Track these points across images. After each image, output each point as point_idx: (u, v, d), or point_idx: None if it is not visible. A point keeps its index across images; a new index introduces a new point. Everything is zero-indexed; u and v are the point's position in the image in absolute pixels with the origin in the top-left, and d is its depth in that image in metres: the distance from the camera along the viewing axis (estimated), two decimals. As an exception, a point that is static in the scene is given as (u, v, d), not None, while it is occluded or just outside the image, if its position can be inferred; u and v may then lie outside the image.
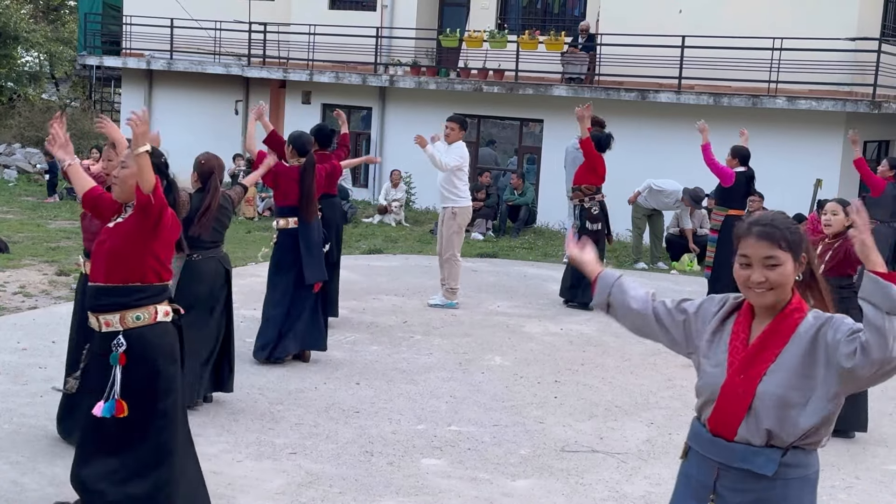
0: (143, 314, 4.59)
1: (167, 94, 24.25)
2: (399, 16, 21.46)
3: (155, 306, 4.63)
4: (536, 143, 19.96)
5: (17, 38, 28.98)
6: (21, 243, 13.69)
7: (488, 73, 19.71)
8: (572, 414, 7.28)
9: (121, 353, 4.53)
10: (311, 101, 22.04)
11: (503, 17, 21.33)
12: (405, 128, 20.81)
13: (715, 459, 3.11)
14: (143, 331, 4.59)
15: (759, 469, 3.04)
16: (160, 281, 4.67)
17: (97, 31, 25.98)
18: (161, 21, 22.68)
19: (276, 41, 21.92)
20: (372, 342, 9.06)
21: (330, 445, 6.34)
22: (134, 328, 4.57)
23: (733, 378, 3.06)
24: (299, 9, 22.13)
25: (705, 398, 3.13)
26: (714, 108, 17.44)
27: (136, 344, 4.56)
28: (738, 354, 3.08)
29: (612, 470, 6.19)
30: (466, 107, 20.21)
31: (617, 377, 8.33)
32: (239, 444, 6.27)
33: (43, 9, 39.05)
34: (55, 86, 35.55)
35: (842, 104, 16.47)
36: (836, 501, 5.90)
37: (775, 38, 16.53)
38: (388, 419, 6.92)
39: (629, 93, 18.13)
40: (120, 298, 4.56)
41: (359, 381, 7.81)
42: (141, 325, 4.58)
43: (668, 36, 17.24)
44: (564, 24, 20.20)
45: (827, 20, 16.62)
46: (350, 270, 12.76)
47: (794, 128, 17.01)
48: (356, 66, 21.16)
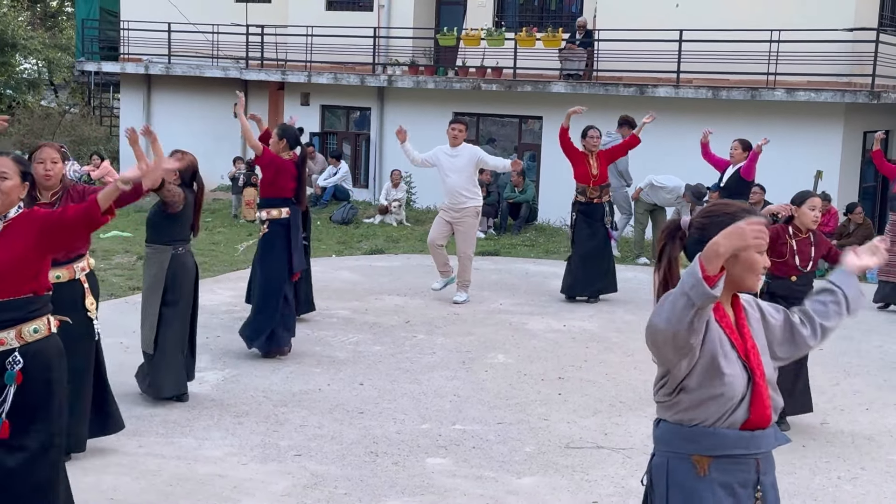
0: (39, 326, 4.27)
1: (166, 99, 24.25)
2: (396, 15, 21.45)
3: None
4: (536, 141, 19.96)
5: (14, 46, 29.02)
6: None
7: (486, 71, 19.71)
8: (576, 410, 7.29)
9: (17, 371, 4.17)
10: (310, 102, 22.04)
11: (500, 15, 21.31)
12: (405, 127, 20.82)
13: (755, 453, 3.08)
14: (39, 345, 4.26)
15: (784, 441, 3.21)
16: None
17: (95, 36, 25.98)
18: (158, 26, 22.68)
19: (274, 43, 21.91)
20: (375, 342, 9.06)
21: (335, 446, 6.35)
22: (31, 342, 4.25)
23: (757, 369, 3.06)
24: (296, 10, 22.12)
25: (732, 401, 3.01)
26: (713, 102, 17.43)
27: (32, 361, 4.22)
28: (741, 345, 3.08)
29: (617, 465, 6.19)
30: (465, 105, 20.21)
31: (620, 373, 8.33)
32: (244, 446, 6.28)
33: (40, 15, 39.07)
34: (54, 92, 35.58)
35: (841, 95, 16.46)
36: (842, 492, 5.90)
37: (773, 30, 16.51)
38: (393, 419, 6.93)
39: (628, 88, 18.12)
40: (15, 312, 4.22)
41: (362, 382, 7.81)
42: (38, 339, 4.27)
43: (665, 30, 17.23)
44: (562, 21, 20.18)
45: (824, 11, 16.60)
46: (352, 271, 12.78)
47: (793, 120, 17.00)
48: (354, 67, 21.16)
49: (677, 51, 17.44)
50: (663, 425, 3.16)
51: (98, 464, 5.87)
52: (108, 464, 5.90)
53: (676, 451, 3.11)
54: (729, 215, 3.05)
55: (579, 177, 11.17)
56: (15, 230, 4.19)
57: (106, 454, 6.03)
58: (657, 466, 3.18)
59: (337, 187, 19.57)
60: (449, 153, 10.72)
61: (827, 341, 3.33)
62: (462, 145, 10.75)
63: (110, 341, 8.68)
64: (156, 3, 22.70)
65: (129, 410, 6.78)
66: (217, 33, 22.29)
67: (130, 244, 14.83)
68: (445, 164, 10.71)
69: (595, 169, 11.10)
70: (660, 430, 3.19)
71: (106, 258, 13.37)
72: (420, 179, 20.10)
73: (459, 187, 10.73)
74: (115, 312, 9.82)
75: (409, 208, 19.29)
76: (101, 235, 15.73)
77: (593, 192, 11.15)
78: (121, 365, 7.93)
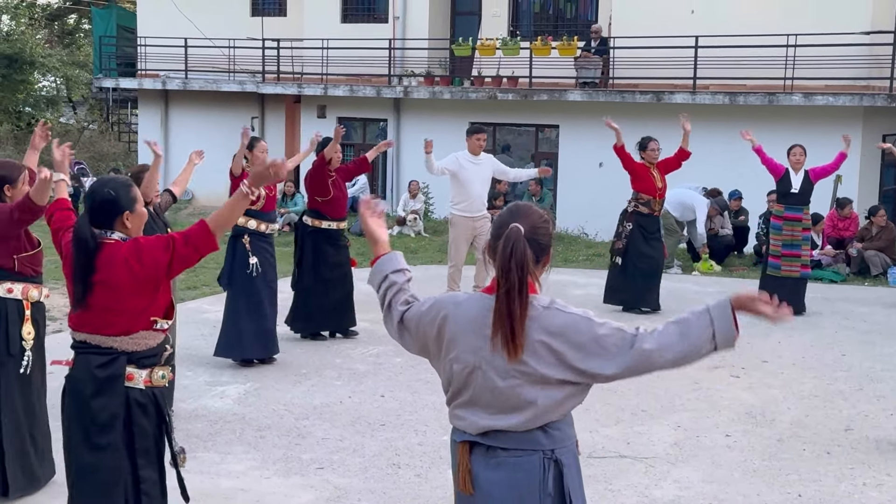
0: None
1: (183, 114, 24.37)
2: (411, 27, 21.50)
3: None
4: (553, 149, 19.95)
5: (33, 63, 29.23)
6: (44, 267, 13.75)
7: (502, 80, 19.72)
8: (598, 419, 7.26)
9: None
10: (327, 114, 22.10)
11: (515, 24, 21.34)
12: (421, 138, 20.73)
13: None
14: None
15: None
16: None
17: (112, 53, 26.15)
18: (175, 41, 22.81)
19: (290, 57, 22.00)
20: (395, 354, 9.05)
21: (357, 459, 6.34)
22: None
23: None
24: (311, 24, 22.20)
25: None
26: (730, 108, 17.39)
27: None
28: None
29: (640, 475, 6.16)
30: (481, 115, 20.22)
31: (642, 380, 8.28)
32: (266, 460, 6.29)
33: (58, 33, 39.38)
34: (72, 109, 35.82)
35: (858, 99, 16.39)
36: (868, 499, 5.85)
37: (789, 34, 16.46)
38: (415, 431, 6.92)
39: (644, 95, 18.10)
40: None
41: (384, 394, 7.81)
42: None
43: (681, 36, 17.20)
44: (577, 29, 20.18)
45: (841, 15, 16.53)
46: (371, 283, 12.75)
47: (811, 124, 16.92)
48: (370, 79, 21.21)
49: (693, 57, 17.41)
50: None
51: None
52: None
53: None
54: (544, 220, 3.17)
55: (645, 189, 11.00)
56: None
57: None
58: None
59: (353, 198, 19.60)
60: (472, 160, 10.66)
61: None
62: (481, 154, 10.77)
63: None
64: (172, 19, 22.86)
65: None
66: (233, 47, 22.40)
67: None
68: (471, 172, 10.61)
69: (660, 182, 11.02)
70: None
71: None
72: (438, 190, 20.09)
73: (483, 195, 10.77)
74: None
75: (426, 219, 19.30)
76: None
77: (657, 205, 11.07)
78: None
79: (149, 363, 4.09)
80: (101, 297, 3.98)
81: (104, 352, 4.02)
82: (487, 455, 3.16)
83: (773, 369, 8.76)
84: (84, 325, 4.06)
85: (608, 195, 17.79)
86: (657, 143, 11.15)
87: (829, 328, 10.51)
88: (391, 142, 10.96)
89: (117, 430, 4.02)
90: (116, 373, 4.01)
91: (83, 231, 4.00)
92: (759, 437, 6.89)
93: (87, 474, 4.05)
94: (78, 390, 4.06)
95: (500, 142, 20.75)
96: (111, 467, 4.03)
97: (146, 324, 4.04)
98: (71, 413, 4.10)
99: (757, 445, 6.73)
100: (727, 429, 7.09)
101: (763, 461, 6.43)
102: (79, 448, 4.06)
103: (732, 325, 3.05)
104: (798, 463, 6.41)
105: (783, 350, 9.47)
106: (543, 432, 3.14)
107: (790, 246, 11.01)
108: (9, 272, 5.40)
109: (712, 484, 6.03)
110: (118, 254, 3.98)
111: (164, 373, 4.14)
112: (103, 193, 4.07)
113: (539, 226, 3.14)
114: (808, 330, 10.36)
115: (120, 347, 4.02)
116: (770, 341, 9.78)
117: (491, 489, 3.14)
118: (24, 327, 5.39)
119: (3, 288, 5.36)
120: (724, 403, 7.71)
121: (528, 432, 3.12)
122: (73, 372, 4.11)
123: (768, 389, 8.12)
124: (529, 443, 3.12)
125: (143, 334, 4.05)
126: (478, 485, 3.16)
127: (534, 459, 3.12)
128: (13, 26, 30.60)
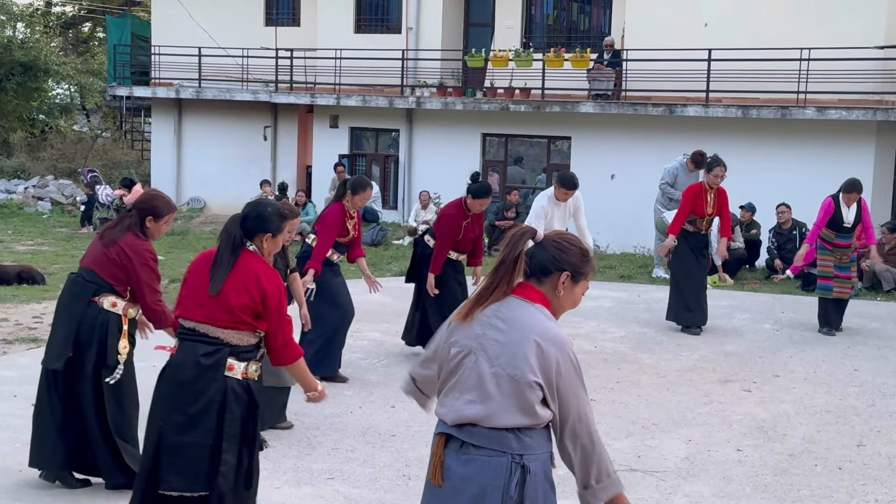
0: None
1: (196, 122, 24.45)
2: (424, 37, 21.55)
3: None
4: (565, 161, 19.94)
5: (47, 71, 29.39)
6: (56, 274, 13.83)
7: (515, 91, 19.73)
8: (609, 433, 7.23)
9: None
10: (339, 124, 22.16)
11: (528, 36, 21.36)
12: (433, 149, 20.88)
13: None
14: None
15: None
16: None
17: (126, 61, 26.27)
18: (189, 50, 22.90)
19: (303, 66, 22.06)
20: (406, 364, 9.02)
21: (367, 470, 6.34)
22: None
23: None
24: (325, 34, 22.27)
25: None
26: (743, 121, 17.37)
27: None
28: None
29: (651, 489, 6.14)
30: (493, 126, 20.25)
31: (653, 394, 8.28)
32: (277, 470, 6.28)
33: (73, 41, 39.57)
34: (86, 117, 35.99)
35: (872, 113, 16.36)
36: (880, 516, 5.83)
37: (802, 48, 16.44)
38: (425, 442, 6.89)
39: (657, 107, 18.09)
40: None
41: (394, 405, 7.80)
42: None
43: (694, 49, 17.20)
44: (590, 41, 20.20)
45: (854, 29, 16.51)
46: (381, 293, 12.74)
47: (824, 138, 16.90)
48: (383, 89, 21.25)
49: (706, 70, 17.40)
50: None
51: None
52: (142, 487, 5.91)
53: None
54: (583, 253, 3.44)
55: (694, 209, 10.74)
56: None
57: (140, 478, 6.04)
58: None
59: (367, 209, 19.63)
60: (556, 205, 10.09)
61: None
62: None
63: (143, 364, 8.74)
64: (186, 28, 22.95)
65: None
66: (247, 57, 22.48)
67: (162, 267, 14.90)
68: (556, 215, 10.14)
69: (711, 207, 10.71)
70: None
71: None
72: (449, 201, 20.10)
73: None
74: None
75: (438, 229, 19.29)
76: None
77: (703, 224, 10.81)
78: (153, 387, 7.99)
79: (247, 357, 4.53)
80: (227, 292, 4.45)
81: (211, 341, 4.47)
82: (460, 451, 3.32)
83: (785, 384, 8.73)
84: (198, 313, 4.50)
85: (619, 207, 17.83)
86: (723, 170, 10.74)
87: (842, 343, 10.47)
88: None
89: (212, 415, 4.44)
90: (219, 362, 4.46)
91: (233, 227, 4.54)
92: (771, 452, 6.87)
93: (176, 452, 4.44)
94: (178, 374, 4.48)
95: (513, 153, 20.76)
96: (199, 447, 4.43)
97: (250, 327, 4.53)
98: (167, 395, 4.52)
99: (768, 460, 6.71)
100: (738, 443, 7.07)
101: (774, 476, 6.41)
102: (172, 428, 4.46)
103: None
104: (810, 478, 6.38)
105: (795, 365, 9.44)
106: (515, 436, 3.28)
107: (841, 268, 10.81)
108: (114, 288, 5.65)
109: (723, 499, 6.01)
110: (252, 263, 4.53)
111: (257, 367, 4.59)
112: (260, 209, 4.63)
113: (556, 241, 3.43)
114: (820, 345, 10.32)
115: (225, 339, 4.48)
116: (782, 356, 9.75)
117: (458, 483, 3.30)
118: (121, 342, 5.65)
119: (108, 301, 5.62)
120: (736, 418, 7.68)
121: (500, 433, 3.27)
122: (177, 357, 4.54)
123: (780, 404, 8.09)
124: (500, 444, 3.27)
125: (246, 332, 4.52)
126: (447, 476, 3.33)
127: (502, 461, 3.26)
128: (28, 34, 30.78)
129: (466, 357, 3.34)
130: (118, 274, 5.59)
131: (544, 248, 3.40)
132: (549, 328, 3.31)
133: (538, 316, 3.34)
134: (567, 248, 3.42)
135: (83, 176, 23.65)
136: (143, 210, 5.68)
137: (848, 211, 10.79)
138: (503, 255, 3.36)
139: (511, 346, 3.28)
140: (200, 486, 4.44)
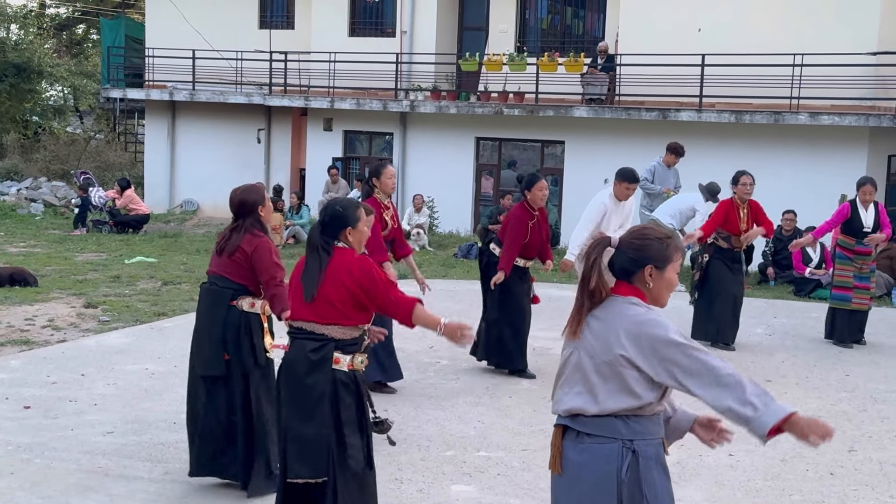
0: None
1: (190, 125, 24.44)
2: (418, 41, 21.56)
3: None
4: (558, 165, 19.98)
5: (41, 73, 29.31)
6: (49, 276, 13.81)
7: (508, 95, 19.77)
8: (601, 437, 7.24)
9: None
10: (333, 127, 22.17)
11: (522, 40, 21.39)
12: (427, 152, 20.90)
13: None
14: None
15: None
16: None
17: (120, 63, 26.24)
18: (183, 53, 22.90)
19: (297, 69, 22.07)
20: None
21: (359, 473, 6.33)
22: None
23: None
24: (319, 37, 22.28)
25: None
26: (736, 126, 17.42)
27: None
28: None
29: (643, 493, 6.14)
30: (487, 130, 20.28)
31: (645, 399, 8.27)
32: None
33: (66, 43, 39.52)
34: (79, 119, 35.92)
35: (864, 119, 16.41)
36: (871, 521, 5.84)
37: (796, 54, 16.50)
38: (417, 446, 6.91)
39: (650, 112, 18.13)
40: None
41: (387, 409, 7.79)
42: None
43: (687, 54, 17.24)
44: (583, 46, 20.24)
45: (847, 35, 16.56)
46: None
47: (816, 143, 16.95)
48: (377, 93, 21.27)
49: (700, 75, 17.44)
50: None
51: (123, 491, 5.88)
52: (133, 490, 5.90)
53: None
54: (660, 240, 3.52)
55: (726, 226, 10.32)
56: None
57: (131, 481, 6.04)
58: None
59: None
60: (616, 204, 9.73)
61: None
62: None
63: (136, 367, 8.74)
64: (180, 31, 22.95)
65: (156, 437, 6.81)
66: (241, 60, 22.48)
67: (155, 269, 14.91)
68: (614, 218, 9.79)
69: (744, 223, 10.30)
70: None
71: (131, 283, 13.45)
72: (442, 204, 20.16)
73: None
74: (140, 338, 9.88)
75: (431, 233, 19.32)
76: (127, 261, 15.83)
77: (737, 242, 10.39)
78: (146, 391, 7.98)
79: (351, 350, 4.78)
80: (326, 290, 4.70)
81: (316, 338, 4.74)
82: (576, 440, 3.50)
83: (777, 389, 8.74)
84: (304, 314, 4.77)
85: (613, 212, 17.83)
86: (750, 178, 10.30)
87: (833, 348, 10.49)
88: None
89: (325, 405, 4.71)
90: (326, 356, 4.72)
91: (314, 237, 4.82)
92: (763, 456, 6.88)
93: (298, 441, 4.73)
94: (293, 370, 4.76)
95: (506, 157, 20.78)
96: (319, 435, 4.70)
97: (352, 321, 4.77)
98: (285, 391, 4.79)
99: (760, 465, 6.72)
100: (730, 448, 7.05)
101: (766, 481, 6.42)
102: (292, 420, 4.75)
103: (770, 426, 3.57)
104: (801, 483, 6.40)
105: (787, 370, 9.46)
106: (623, 422, 3.46)
107: (861, 278, 10.62)
108: (248, 289, 5.82)
109: (715, 503, 6.02)
110: (346, 259, 4.77)
111: (362, 359, 4.84)
112: (334, 209, 4.87)
113: (631, 241, 3.55)
114: (812, 350, 10.34)
115: (330, 335, 4.73)
116: (774, 361, 9.77)
117: (576, 471, 3.49)
118: (266, 339, 5.84)
119: (246, 303, 5.80)
120: (727, 422, 7.67)
121: (608, 419, 3.45)
122: (290, 354, 4.81)
123: (772, 409, 8.09)
124: (609, 430, 3.45)
125: (348, 327, 4.77)
126: (566, 466, 3.52)
127: (613, 447, 3.44)
128: (22, 36, 30.70)
129: (571, 355, 3.58)
130: (247, 274, 5.73)
131: (622, 252, 3.55)
132: (638, 313, 3.47)
133: (628, 307, 3.50)
134: (643, 244, 3.53)
135: (76, 178, 23.62)
136: (251, 205, 5.88)
137: (866, 214, 10.59)
138: (584, 272, 3.58)
139: (604, 336, 3.48)
140: (322, 472, 4.72)
